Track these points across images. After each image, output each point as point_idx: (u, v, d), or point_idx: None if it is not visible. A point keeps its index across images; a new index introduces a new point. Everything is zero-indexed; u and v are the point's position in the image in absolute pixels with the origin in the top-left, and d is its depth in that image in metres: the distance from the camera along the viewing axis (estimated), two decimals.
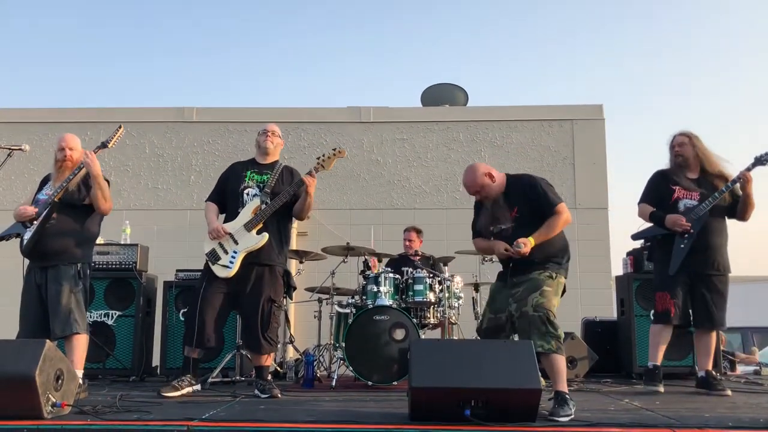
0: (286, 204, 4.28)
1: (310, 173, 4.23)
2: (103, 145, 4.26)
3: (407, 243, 6.30)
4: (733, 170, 4.40)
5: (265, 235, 4.19)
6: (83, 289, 4.11)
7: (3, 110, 9.43)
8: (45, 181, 4.33)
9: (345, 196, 9.05)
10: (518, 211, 3.65)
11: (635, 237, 4.78)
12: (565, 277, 3.71)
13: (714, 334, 4.45)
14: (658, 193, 4.52)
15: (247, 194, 4.34)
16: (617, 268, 6.82)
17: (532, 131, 9.16)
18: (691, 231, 4.26)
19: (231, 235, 4.22)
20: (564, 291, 3.70)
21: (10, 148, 4.24)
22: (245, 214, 4.25)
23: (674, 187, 4.43)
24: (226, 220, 4.34)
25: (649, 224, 4.58)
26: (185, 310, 5.10)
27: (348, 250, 5.66)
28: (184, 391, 4.03)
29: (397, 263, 5.92)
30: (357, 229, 8.55)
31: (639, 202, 4.62)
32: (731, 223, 4.50)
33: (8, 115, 9.33)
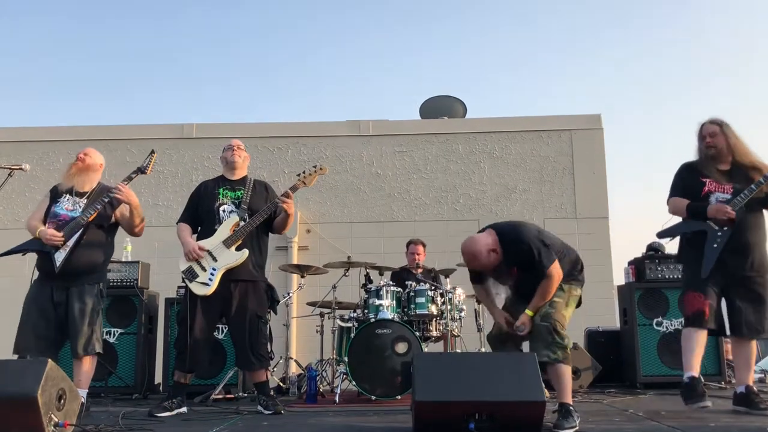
0: (264, 220, 4.25)
1: (287, 194, 4.19)
2: (141, 171, 4.32)
3: (415, 256, 6.27)
4: (766, 160, 3.93)
5: (246, 252, 4.15)
6: (102, 309, 4.18)
7: (3, 130, 9.46)
8: (56, 191, 4.29)
9: (345, 209, 9.05)
10: (517, 270, 3.60)
11: (662, 235, 4.25)
12: (581, 288, 3.66)
13: (754, 343, 3.93)
14: (687, 187, 4.02)
15: (224, 211, 4.29)
16: (619, 278, 6.82)
17: (531, 142, 9.19)
18: (732, 221, 3.77)
19: (209, 252, 4.17)
20: (580, 303, 3.65)
21: (10, 168, 4.25)
22: (223, 230, 4.20)
23: (704, 180, 3.94)
24: (200, 239, 4.28)
25: (676, 220, 4.12)
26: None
27: (349, 264, 5.66)
28: (174, 413, 4.02)
29: (398, 276, 5.92)
30: (358, 242, 8.56)
31: (669, 198, 4.12)
32: None
33: (8, 134, 9.35)
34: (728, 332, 3.94)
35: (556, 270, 3.50)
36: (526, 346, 3.66)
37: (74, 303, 4.02)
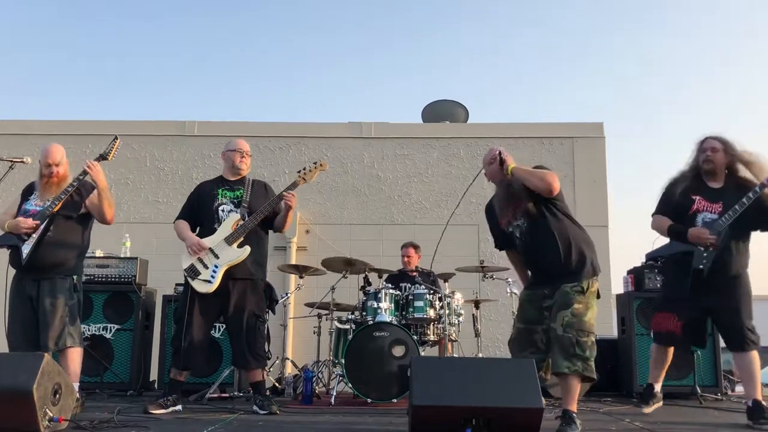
0: (265, 218, 4.25)
1: (290, 188, 4.20)
2: (102, 158, 4.25)
3: (405, 259, 6.28)
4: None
5: (247, 249, 4.14)
6: (77, 302, 4.07)
7: (4, 122, 9.44)
8: (29, 191, 4.27)
9: (345, 211, 9.04)
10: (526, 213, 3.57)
11: (651, 256, 4.20)
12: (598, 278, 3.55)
13: (752, 354, 3.73)
14: (677, 205, 3.91)
15: (223, 210, 4.28)
16: (618, 287, 6.80)
17: (532, 149, 9.17)
18: (714, 246, 3.69)
19: (211, 250, 4.15)
20: (599, 295, 3.52)
21: (11, 161, 4.24)
22: (225, 228, 4.19)
23: (694, 197, 3.85)
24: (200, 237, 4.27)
25: (664, 239, 4.05)
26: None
27: (348, 265, 5.64)
28: (170, 410, 4.00)
29: (396, 279, 5.91)
30: (357, 244, 8.54)
31: (653, 213, 4.06)
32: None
33: (9, 127, 9.33)
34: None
35: (556, 179, 3.53)
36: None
37: (45, 297, 3.95)
